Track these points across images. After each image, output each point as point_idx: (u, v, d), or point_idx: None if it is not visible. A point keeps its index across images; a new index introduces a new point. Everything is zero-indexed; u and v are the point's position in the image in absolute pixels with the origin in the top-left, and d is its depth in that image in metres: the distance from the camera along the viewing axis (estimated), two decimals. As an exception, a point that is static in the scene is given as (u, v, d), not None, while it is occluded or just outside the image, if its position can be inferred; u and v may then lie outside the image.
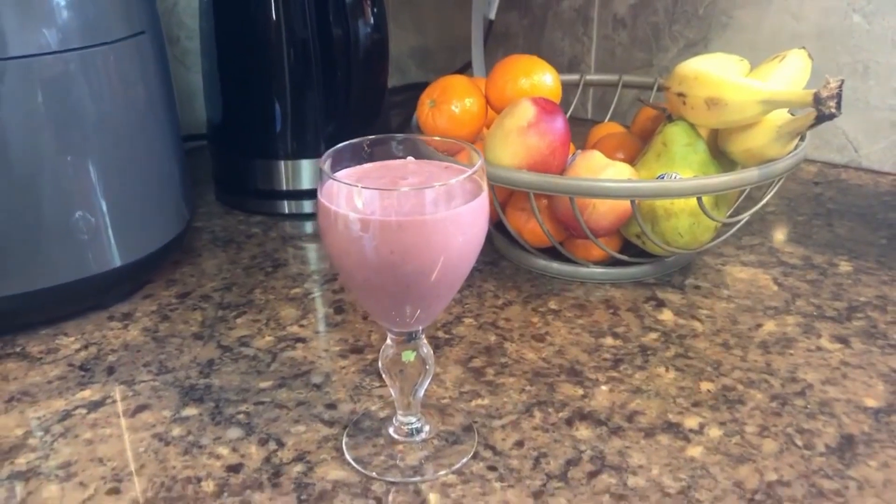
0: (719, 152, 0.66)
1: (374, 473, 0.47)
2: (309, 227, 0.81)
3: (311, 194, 0.82)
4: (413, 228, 0.41)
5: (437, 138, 0.46)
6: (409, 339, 0.47)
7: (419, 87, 1.23)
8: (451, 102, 0.66)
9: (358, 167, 0.46)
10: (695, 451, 0.49)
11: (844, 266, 0.71)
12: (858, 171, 0.93)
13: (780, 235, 0.77)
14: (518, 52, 0.71)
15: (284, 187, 0.81)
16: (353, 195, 0.41)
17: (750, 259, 0.73)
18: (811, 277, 0.69)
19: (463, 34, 1.16)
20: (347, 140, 0.46)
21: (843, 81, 0.55)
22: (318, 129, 0.80)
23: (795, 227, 0.79)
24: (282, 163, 0.81)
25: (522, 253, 0.71)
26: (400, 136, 0.47)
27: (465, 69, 1.18)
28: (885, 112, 0.90)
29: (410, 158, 0.47)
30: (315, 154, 0.80)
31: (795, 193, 0.87)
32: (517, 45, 1.18)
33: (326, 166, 0.43)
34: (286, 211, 0.83)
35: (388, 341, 0.48)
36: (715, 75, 0.61)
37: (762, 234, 0.78)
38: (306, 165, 0.81)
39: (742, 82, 0.60)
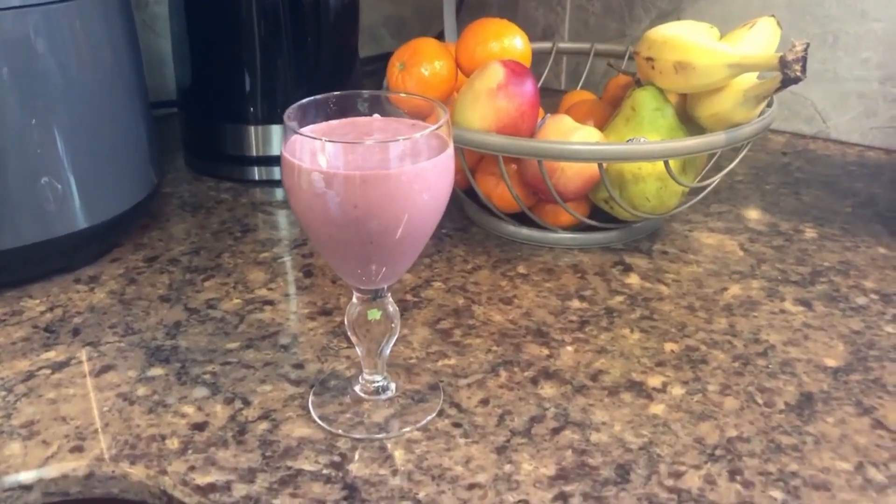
0: (687, 119, 0.66)
1: (339, 431, 0.47)
2: (279, 193, 0.81)
3: (282, 160, 0.81)
4: (377, 183, 0.41)
5: (403, 94, 0.46)
6: (374, 297, 0.47)
7: (389, 57, 1.22)
8: (420, 65, 0.65)
9: (323, 123, 0.46)
10: (657, 409, 0.49)
11: (810, 233, 0.72)
12: (826, 142, 0.94)
13: (747, 203, 0.78)
14: (482, 24, 0.70)
15: (255, 153, 0.81)
16: (318, 150, 0.41)
17: (717, 225, 0.73)
18: (777, 243, 0.70)
19: (438, 3, 1.15)
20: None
21: (808, 45, 0.56)
22: (288, 93, 0.79)
23: (763, 195, 0.80)
24: (252, 128, 0.80)
25: (492, 219, 0.71)
26: (366, 92, 0.47)
27: (439, 38, 1.18)
28: (853, 83, 0.91)
29: (377, 116, 0.47)
30: (285, 119, 0.79)
31: (764, 163, 0.88)
32: (491, 14, 1.17)
33: (291, 121, 0.43)
34: (256, 177, 0.82)
35: (354, 300, 0.48)
36: (684, 39, 0.62)
37: (730, 201, 0.78)
38: (276, 131, 0.80)
39: (710, 46, 0.61)
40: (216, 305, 0.60)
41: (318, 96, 0.46)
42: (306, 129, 0.45)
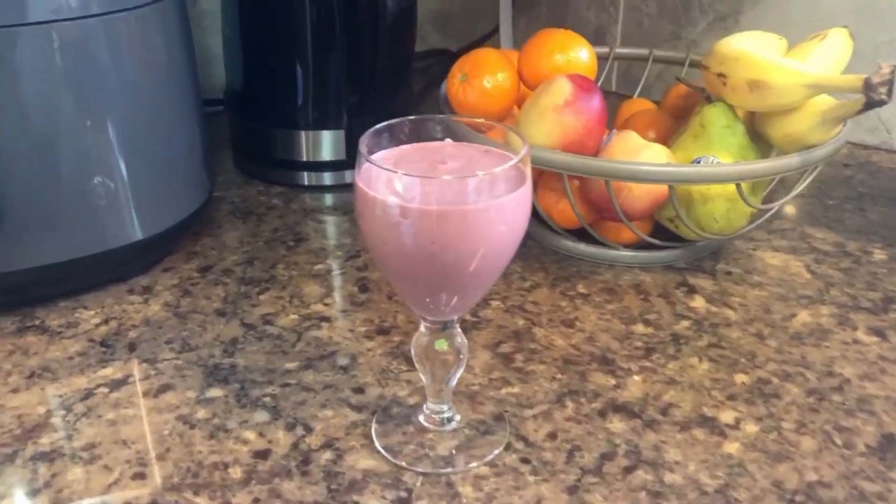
0: (756, 135, 0.64)
1: (404, 463, 0.46)
2: (329, 199, 0.80)
3: (332, 166, 0.80)
4: (454, 218, 0.39)
5: (480, 120, 0.45)
6: (443, 327, 0.46)
7: (439, 54, 1.20)
8: (482, 77, 0.64)
9: (395, 149, 0.44)
10: (731, 448, 0.48)
11: (879, 254, 0.69)
12: (890, 154, 0.91)
13: (811, 220, 0.75)
14: (542, 22, 0.69)
15: (305, 158, 0.80)
16: (393, 181, 0.40)
17: (781, 244, 0.71)
18: (844, 265, 0.68)
19: (487, 1, 1.13)
20: (370, 111, 0.44)
21: (895, 68, 0.53)
22: (340, 99, 0.78)
23: (826, 211, 0.77)
24: (302, 133, 0.79)
25: (549, 234, 0.69)
26: (438, 116, 0.46)
27: (487, 37, 1.16)
28: (921, 93, 0.87)
29: (448, 140, 0.45)
30: (337, 125, 0.78)
31: (825, 176, 0.85)
32: (541, 14, 1.15)
33: (364, 148, 0.42)
34: (306, 182, 0.81)
35: (422, 328, 0.46)
36: (758, 56, 0.59)
37: (793, 218, 0.76)
38: (327, 136, 0.79)
39: (787, 65, 0.58)
40: (273, 321, 0.59)
41: (391, 121, 0.44)
42: (379, 156, 0.43)
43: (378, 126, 0.44)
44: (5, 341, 0.57)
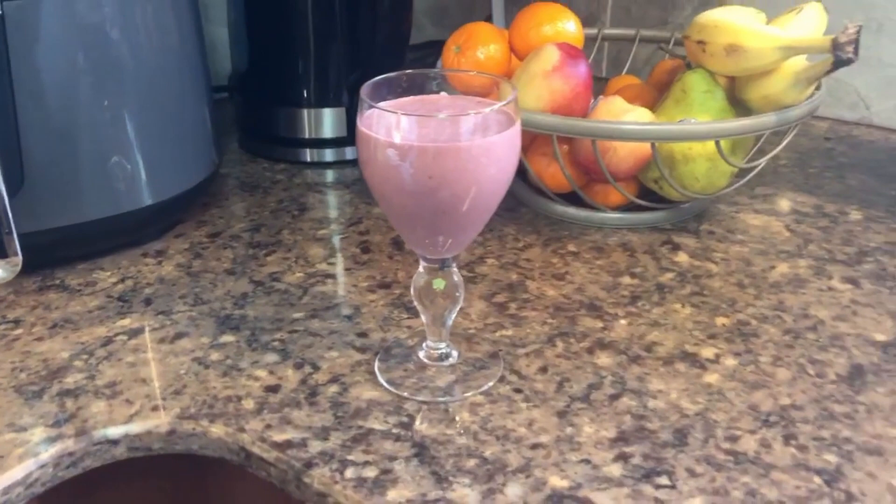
0: (736, 101, 0.68)
1: (405, 394, 0.50)
2: (331, 175, 0.83)
3: (333, 143, 0.84)
4: (449, 155, 0.43)
5: (472, 72, 0.48)
6: (440, 266, 0.49)
7: (435, 45, 1.23)
8: (476, 48, 0.67)
9: (394, 100, 0.48)
10: (711, 378, 0.51)
11: (855, 214, 0.73)
12: (870, 128, 0.94)
13: (792, 186, 0.79)
14: (535, 8, 0.72)
15: (307, 135, 0.83)
16: (393, 122, 0.43)
17: (763, 207, 0.74)
18: (823, 224, 0.71)
19: (479, -8, 1.17)
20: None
21: (860, 27, 0.57)
22: (340, 77, 0.81)
23: (807, 178, 0.81)
24: (304, 111, 0.82)
25: (541, 199, 0.72)
26: (434, 70, 0.49)
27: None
28: (898, 69, 0.91)
29: (444, 93, 0.49)
30: (338, 103, 0.82)
31: (807, 148, 0.89)
32: (535, 1, 1.19)
33: (366, 95, 0.45)
34: (308, 159, 0.85)
35: (421, 269, 0.50)
36: (735, 22, 0.63)
37: (775, 185, 0.79)
38: (329, 114, 0.82)
39: (761, 29, 0.62)
40: (280, 278, 0.63)
41: (390, 74, 0.48)
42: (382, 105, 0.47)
43: (377, 78, 0.47)
44: (28, 298, 0.60)
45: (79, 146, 0.60)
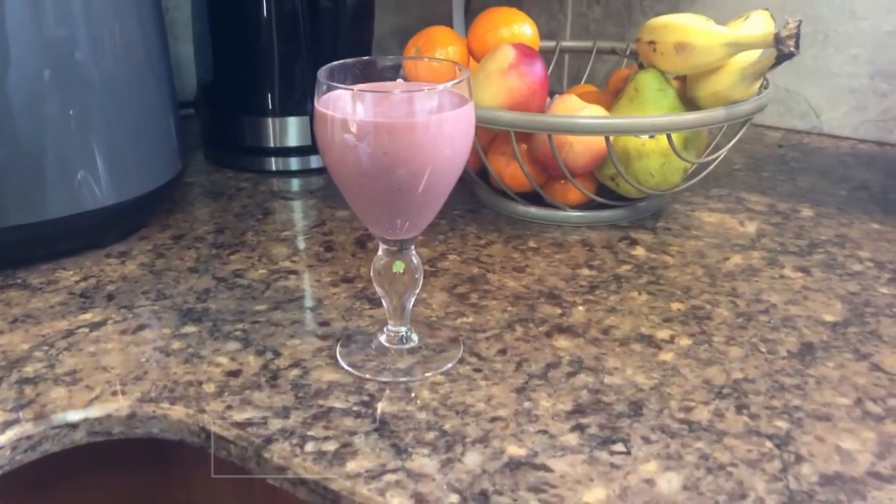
0: (688, 100, 0.70)
1: (367, 375, 0.50)
2: (296, 183, 0.84)
3: (298, 151, 0.85)
4: (405, 131, 0.44)
5: (425, 59, 0.50)
6: (399, 248, 0.50)
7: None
8: (434, 51, 0.69)
9: (352, 86, 0.49)
10: (666, 357, 0.52)
11: (806, 212, 0.75)
12: (821, 136, 0.97)
13: (746, 188, 0.81)
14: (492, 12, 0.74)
15: (272, 144, 0.84)
16: (349, 100, 0.44)
17: (718, 206, 0.76)
18: (775, 221, 0.73)
19: (443, 13, 1.20)
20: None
21: (801, 21, 0.59)
22: (305, 86, 0.83)
23: (761, 181, 0.83)
24: (269, 120, 0.83)
25: (503, 200, 0.74)
26: (390, 58, 0.51)
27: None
28: (845, 79, 0.94)
29: (400, 80, 0.50)
30: (302, 111, 0.83)
31: (761, 154, 0.92)
32: (495, 24, 1.22)
33: (323, 77, 0.46)
34: (273, 168, 0.86)
35: (380, 252, 0.51)
36: (683, 22, 0.65)
37: (729, 186, 0.82)
38: (293, 122, 0.84)
39: (708, 27, 0.64)
40: (243, 275, 0.63)
41: (346, 60, 0.49)
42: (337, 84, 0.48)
43: (334, 63, 0.48)
44: (-12, 296, 0.60)
45: (42, 148, 0.61)
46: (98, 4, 0.62)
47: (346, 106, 0.45)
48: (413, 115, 0.44)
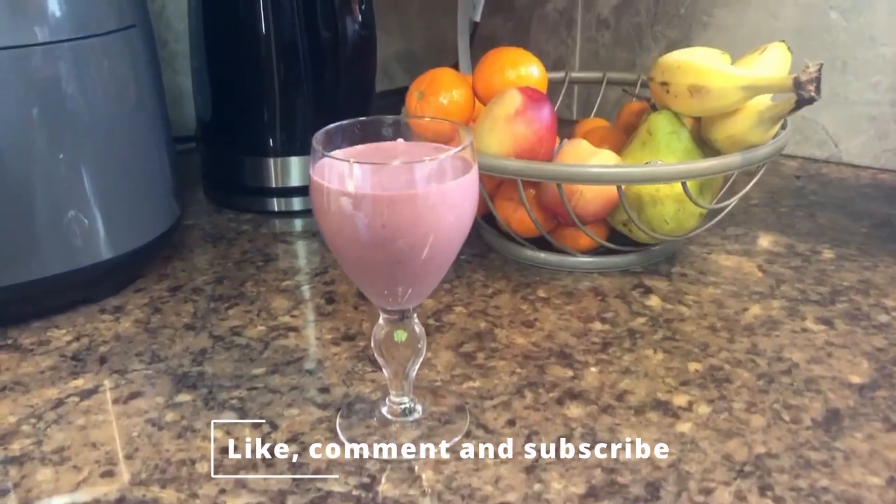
0: (703, 142, 0.67)
1: (367, 453, 0.47)
2: (299, 224, 0.82)
3: (301, 191, 0.83)
4: (404, 203, 0.41)
5: (427, 119, 0.47)
6: (401, 318, 0.48)
7: (404, 92, 1.24)
8: (439, 94, 0.67)
9: (349, 148, 0.47)
10: (684, 427, 0.49)
11: (827, 253, 0.72)
12: (839, 166, 0.94)
13: (763, 226, 0.78)
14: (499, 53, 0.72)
15: (274, 184, 0.82)
16: (346, 172, 0.42)
17: (735, 248, 0.74)
18: (795, 264, 0.70)
19: (449, 37, 1.17)
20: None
21: (821, 65, 0.56)
22: (307, 126, 0.80)
23: (779, 217, 0.80)
24: (271, 160, 0.81)
25: (511, 244, 0.71)
26: (390, 117, 0.48)
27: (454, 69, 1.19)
28: (864, 107, 0.91)
29: (400, 140, 0.48)
30: (304, 151, 0.81)
31: (778, 187, 0.89)
32: (502, 46, 1.19)
33: (318, 144, 0.44)
34: (276, 209, 0.83)
35: (381, 321, 0.48)
36: (697, 63, 0.63)
37: (746, 224, 0.79)
38: (295, 162, 0.81)
39: (724, 69, 0.62)
40: (241, 332, 0.61)
41: (343, 122, 0.46)
42: (333, 154, 0.45)
43: (330, 126, 0.46)
44: (-23, 360, 0.58)
45: (34, 200, 0.58)
46: (86, 46, 0.60)
47: (342, 176, 0.42)
48: (413, 185, 0.42)
